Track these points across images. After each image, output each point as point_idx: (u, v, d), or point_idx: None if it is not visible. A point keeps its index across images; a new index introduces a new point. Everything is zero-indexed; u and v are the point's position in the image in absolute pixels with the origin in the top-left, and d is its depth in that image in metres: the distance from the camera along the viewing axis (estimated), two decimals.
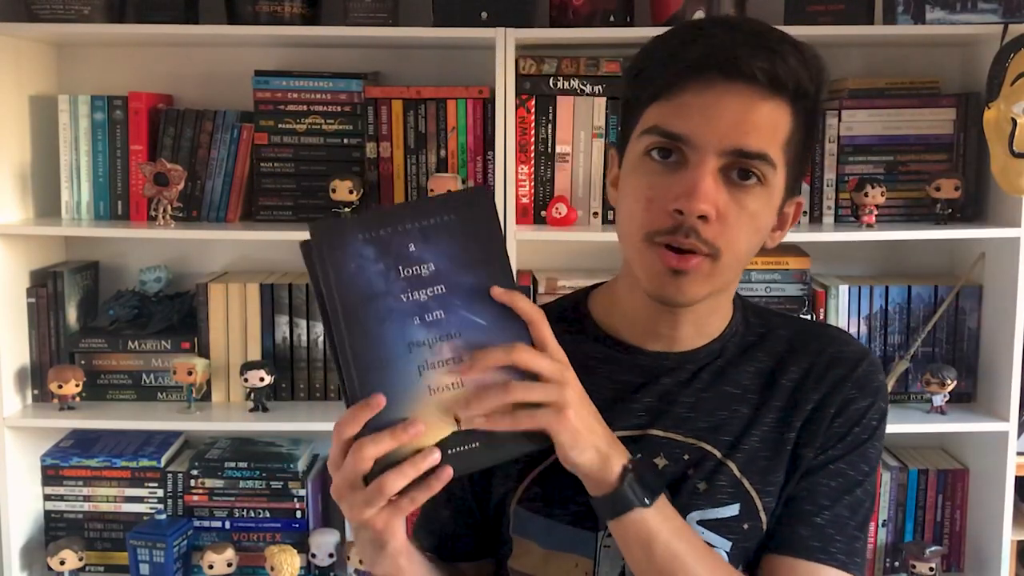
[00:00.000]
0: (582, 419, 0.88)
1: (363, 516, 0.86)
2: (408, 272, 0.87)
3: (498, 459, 0.88)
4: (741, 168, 0.93)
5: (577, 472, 0.90)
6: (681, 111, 0.93)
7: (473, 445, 0.86)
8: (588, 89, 2.02)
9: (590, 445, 0.89)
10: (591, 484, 0.91)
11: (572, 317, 1.09)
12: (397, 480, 0.84)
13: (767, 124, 0.93)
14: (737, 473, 1.01)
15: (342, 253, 0.86)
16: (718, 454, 1.01)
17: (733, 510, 1.00)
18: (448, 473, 0.85)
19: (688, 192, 0.91)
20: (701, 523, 1.00)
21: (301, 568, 2.07)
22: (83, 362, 2.10)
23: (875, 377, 1.06)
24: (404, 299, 0.86)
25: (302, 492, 2.11)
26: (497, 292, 0.88)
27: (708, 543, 0.98)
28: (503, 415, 0.86)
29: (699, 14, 1.94)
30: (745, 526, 1.01)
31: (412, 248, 0.87)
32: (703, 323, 1.04)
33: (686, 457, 1.01)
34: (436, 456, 0.85)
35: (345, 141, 2.09)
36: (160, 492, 2.13)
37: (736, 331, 1.07)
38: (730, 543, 1.00)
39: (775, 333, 1.08)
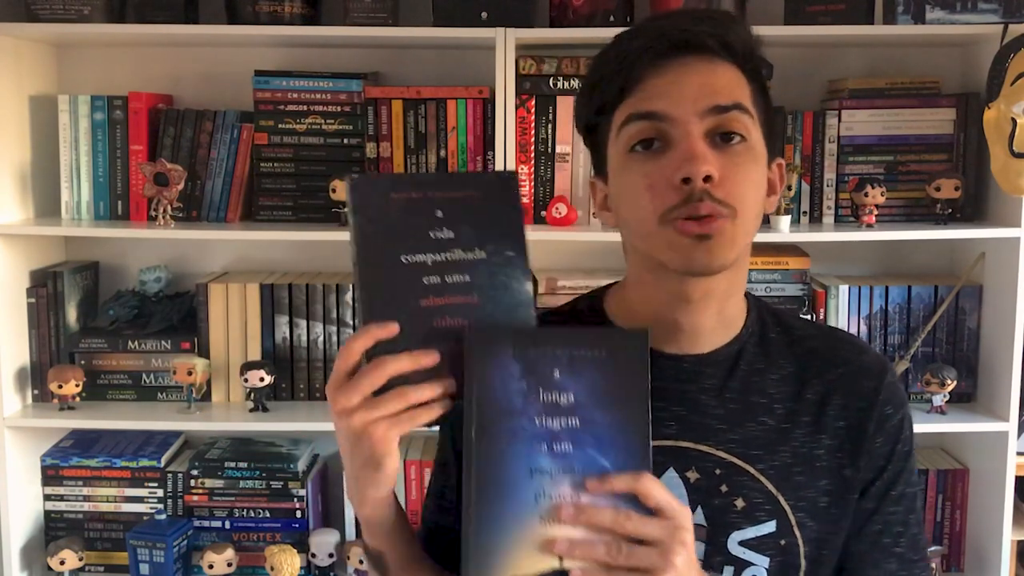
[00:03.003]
0: None
1: (366, 419, 0.88)
2: (548, 397, 0.88)
3: None
4: (723, 131, 0.94)
5: None
6: (650, 95, 0.95)
7: None
8: None
9: None
10: None
11: (591, 320, 1.08)
12: (418, 393, 0.88)
13: (731, 82, 0.96)
14: (772, 488, 1.00)
15: (491, 362, 0.88)
16: (751, 469, 1.01)
17: (771, 527, 1.00)
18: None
19: (688, 158, 0.92)
20: (742, 544, 1.00)
21: (301, 568, 2.07)
22: (83, 362, 2.10)
23: (899, 386, 1.07)
24: (537, 423, 0.87)
25: (302, 492, 2.11)
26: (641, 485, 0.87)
27: (748, 561, 0.99)
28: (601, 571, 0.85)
29: None
30: (782, 542, 1.00)
31: (557, 374, 0.88)
32: (723, 309, 1.03)
33: (718, 472, 1.00)
34: (451, 385, 0.89)
35: (345, 141, 2.09)
36: (160, 492, 2.13)
37: (752, 331, 1.06)
38: (768, 559, 1.00)
39: (793, 335, 1.08)
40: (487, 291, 0.92)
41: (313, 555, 2.10)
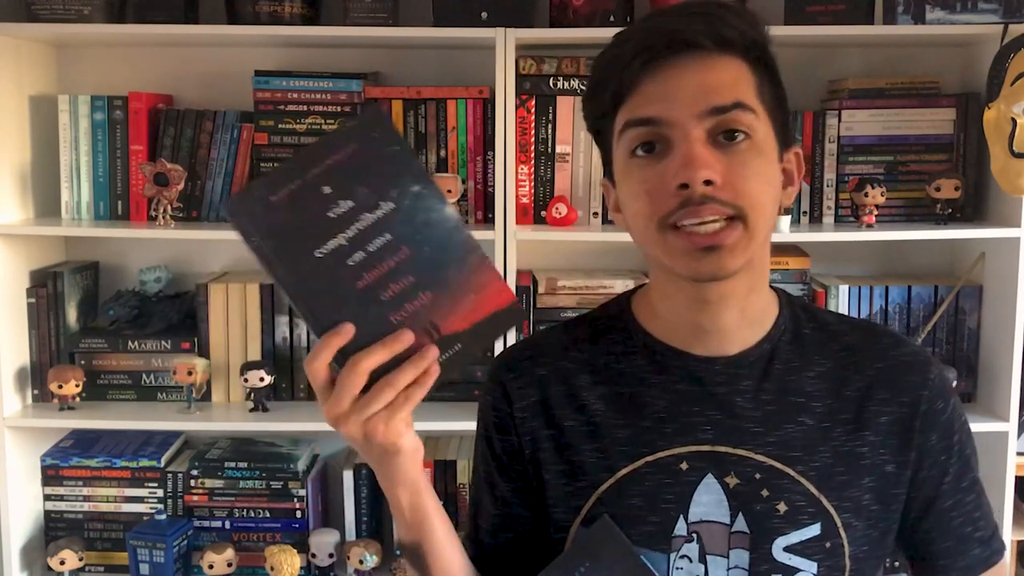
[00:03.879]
0: None
1: (365, 424, 0.87)
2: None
3: (483, 346, 0.92)
4: (725, 130, 0.92)
5: None
6: (646, 100, 0.94)
7: (456, 347, 0.89)
8: None
9: None
10: None
11: (619, 326, 1.07)
12: (403, 378, 0.86)
13: (729, 78, 0.93)
14: (814, 490, 0.98)
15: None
16: (791, 471, 0.99)
17: (815, 530, 0.98)
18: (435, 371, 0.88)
19: (685, 163, 0.90)
20: (787, 549, 0.98)
21: (301, 568, 2.07)
22: (83, 362, 2.10)
23: (945, 378, 1.05)
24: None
25: (302, 492, 2.11)
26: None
27: (796, 568, 0.97)
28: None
29: None
30: (827, 545, 0.98)
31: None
32: (745, 307, 1.00)
33: (758, 476, 0.98)
34: (434, 353, 0.87)
35: None
36: (160, 492, 2.13)
37: (785, 328, 1.04)
38: (815, 564, 0.98)
39: (828, 331, 1.06)
40: (414, 236, 0.88)
41: (313, 555, 2.10)
